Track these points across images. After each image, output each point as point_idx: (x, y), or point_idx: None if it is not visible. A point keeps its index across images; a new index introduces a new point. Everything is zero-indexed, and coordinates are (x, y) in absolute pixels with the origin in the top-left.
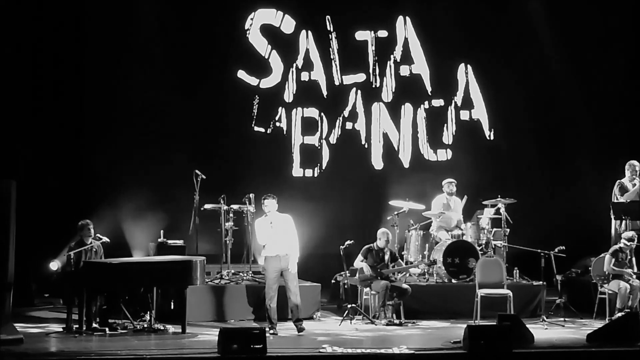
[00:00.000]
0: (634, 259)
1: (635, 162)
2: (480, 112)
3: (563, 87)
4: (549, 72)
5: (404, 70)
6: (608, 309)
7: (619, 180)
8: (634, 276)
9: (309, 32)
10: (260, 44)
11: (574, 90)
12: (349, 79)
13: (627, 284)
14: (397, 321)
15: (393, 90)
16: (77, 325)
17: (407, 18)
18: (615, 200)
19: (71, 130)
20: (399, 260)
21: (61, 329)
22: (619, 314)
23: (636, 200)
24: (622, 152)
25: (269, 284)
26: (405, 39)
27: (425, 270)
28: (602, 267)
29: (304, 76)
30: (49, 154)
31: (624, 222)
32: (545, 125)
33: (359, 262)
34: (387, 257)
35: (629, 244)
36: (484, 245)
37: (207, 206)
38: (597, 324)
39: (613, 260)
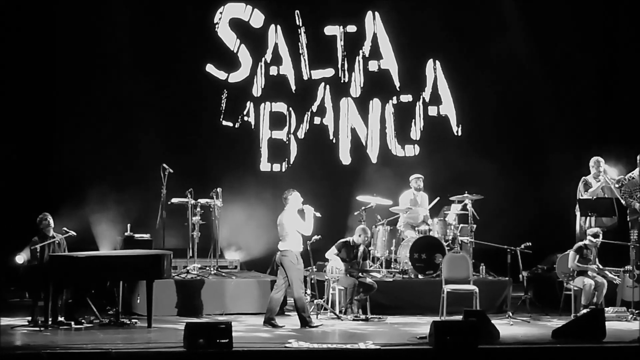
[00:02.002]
0: (596, 258)
1: (600, 159)
2: (448, 108)
3: (533, 84)
4: (519, 69)
5: (373, 66)
6: (574, 305)
7: (583, 177)
8: (600, 272)
9: (278, 26)
10: (229, 38)
11: (544, 88)
12: (317, 74)
13: (591, 281)
14: (363, 316)
15: (361, 85)
16: (42, 319)
17: (376, 13)
18: (581, 197)
19: (40, 126)
20: (366, 261)
21: (26, 323)
22: (585, 311)
23: (602, 197)
24: (590, 149)
25: (301, 278)
26: (374, 34)
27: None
28: (566, 264)
29: (273, 70)
30: (17, 149)
31: (589, 218)
32: (513, 122)
33: (332, 255)
34: (359, 254)
35: (594, 240)
36: (450, 241)
37: (175, 200)
38: (563, 320)
39: (577, 256)
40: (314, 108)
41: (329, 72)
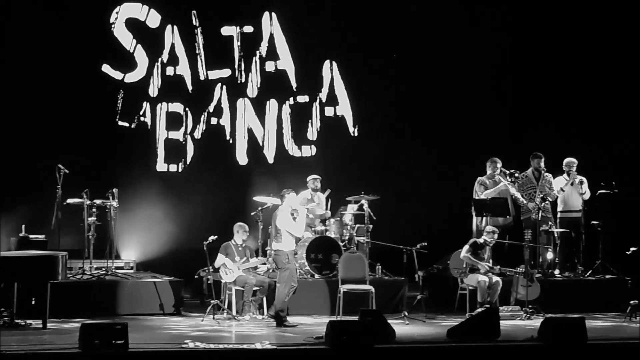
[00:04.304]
0: (490, 258)
1: (496, 159)
2: (344, 108)
3: (431, 84)
4: (417, 69)
5: (270, 66)
6: (468, 305)
7: (479, 178)
8: (491, 270)
9: (175, 26)
10: (125, 38)
11: (442, 87)
12: (214, 74)
13: (486, 278)
14: (260, 317)
15: (258, 86)
16: None
17: (273, 14)
18: (476, 197)
19: None
20: (254, 258)
21: None
22: (479, 309)
23: (496, 197)
24: (488, 149)
25: (290, 278)
26: (271, 35)
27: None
28: (459, 258)
29: (169, 71)
30: None
31: (484, 218)
32: (410, 122)
33: (220, 261)
34: (247, 252)
35: (491, 237)
36: (347, 241)
37: (70, 201)
38: (458, 320)
39: (471, 250)
40: (211, 108)
41: (225, 73)
